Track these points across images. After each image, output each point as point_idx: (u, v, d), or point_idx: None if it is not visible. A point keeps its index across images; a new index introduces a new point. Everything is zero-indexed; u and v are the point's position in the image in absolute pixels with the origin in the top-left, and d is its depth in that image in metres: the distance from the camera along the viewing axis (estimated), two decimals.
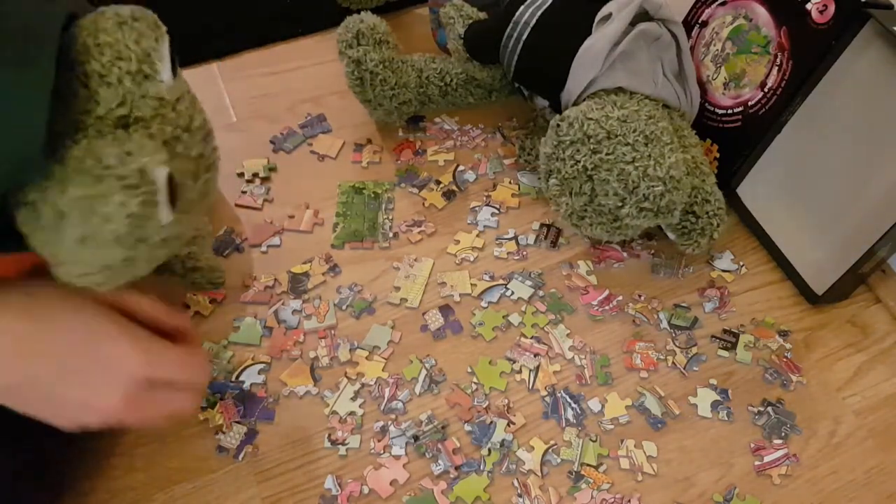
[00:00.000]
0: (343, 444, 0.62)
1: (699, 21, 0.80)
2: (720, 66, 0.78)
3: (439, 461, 0.62)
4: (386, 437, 0.63)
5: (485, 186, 0.81)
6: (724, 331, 0.73)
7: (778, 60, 0.72)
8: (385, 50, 0.78)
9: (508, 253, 0.76)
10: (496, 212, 0.79)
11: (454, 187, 0.80)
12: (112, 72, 0.40)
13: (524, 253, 0.76)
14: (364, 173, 0.81)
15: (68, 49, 0.40)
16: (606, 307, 0.73)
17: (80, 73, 0.39)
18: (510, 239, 0.77)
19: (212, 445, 0.62)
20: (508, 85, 0.84)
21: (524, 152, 0.82)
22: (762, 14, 0.73)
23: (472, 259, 0.75)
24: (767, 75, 0.73)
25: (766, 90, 0.74)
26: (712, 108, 0.79)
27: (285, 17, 0.94)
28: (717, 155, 0.80)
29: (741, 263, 0.78)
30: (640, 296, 0.74)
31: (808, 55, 0.70)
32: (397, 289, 0.71)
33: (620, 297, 0.74)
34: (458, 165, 0.82)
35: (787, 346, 0.72)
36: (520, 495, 0.61)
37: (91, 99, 0.40)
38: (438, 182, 0.80)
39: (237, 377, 0.65)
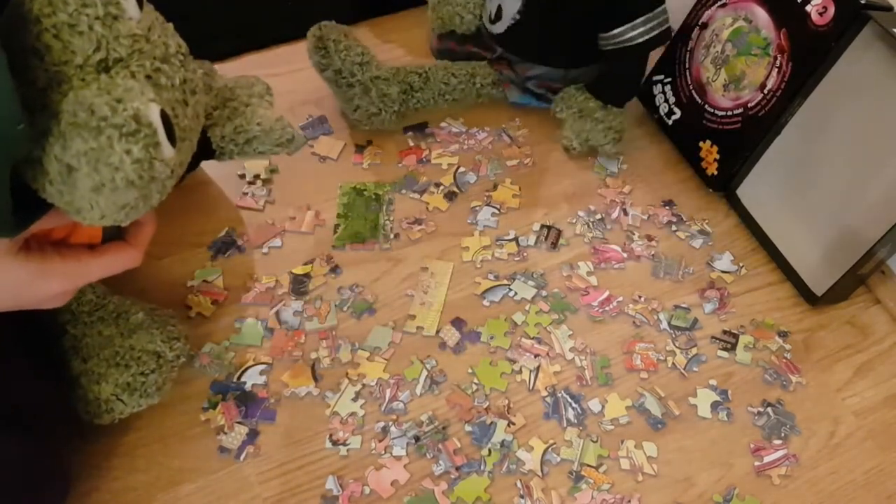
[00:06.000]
0: (344, 444, 0.63)
1: (699, 23, 0.81)
2: (720, 68, 0.78)
3: (440, 461, 0.62)
4: (387, 438, 0.63)
5: (485, 187, 0.81)
6: (724, 332, 0.73)
7: (778, 62, 0.72)
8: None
9: (509, 254, 0.76)
10: (496, 212, 0.79)
11: (455, 188, 0.81)
12: (81, 20, 0.40)
13: (524, 254, 0.76)
14: (365, 174, 0.81)
15: (20, 5, 0.40)
16: (606, 308, 0.73)
17: (49, 25, 0.40)
18: (511, 240, 0.77)
19: (213, 446, 0.62)
20: (488, 68, 0.85)
21: (573, 149, 0.84)
22: (762, 16, 0.74)
23: (490, 258, 0.75)
24: (767, 77, 0.74)
25: (765, 92, 0.74)
26: (712, 110, 0.80)
27: (286, 19, 0.94)
28: (717, 156, 0.80)
29: (741, 264, 0.78)
30: (640, 297, 0.75)
31: (808, 57, 0.70)
32: (413, 317, 0.71)
33: (620, 298, 0.74)
34: (458, 167, 0.82)
35: (787, 346, 0.73)
36: (521, 496, 0.61)
37: (66, 49, 0.40)
38: (439, 185, 0.81)
39: (239, 378, 0.65)
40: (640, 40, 0.75)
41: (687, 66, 0.83)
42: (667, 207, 0.82)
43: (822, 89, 0.71)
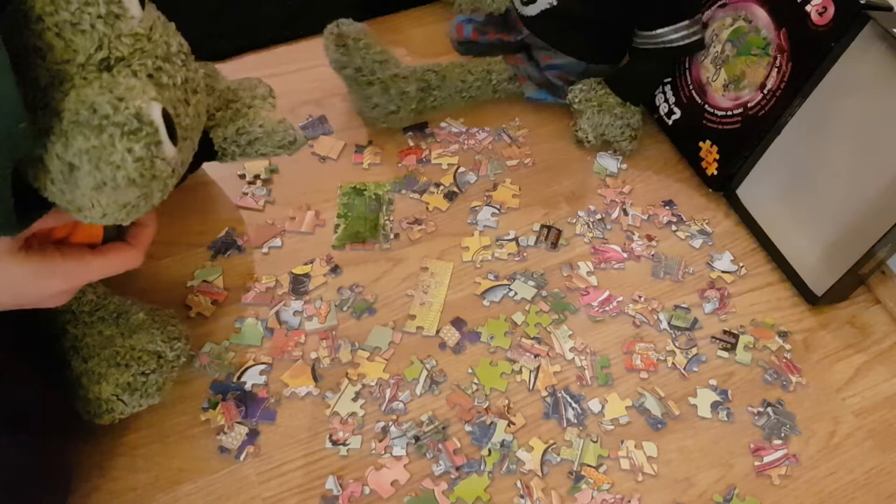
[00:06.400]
0: (344, 444, 0.63)
1: None
2: (720, 68, 0.78)
3: (440, 461, 0.62)
4: (387, 438, 0.63)
5: (485, 187, 0.81)
6: (724, 332, 0.73)
7: (777, 62, 0.72)
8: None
9: (509, 254, 0.76)
10: (496, 212, 0.79)
11: (455, 188, 0.81)
12: (83, 19, 0.40)
13: (524, 254, 0.76)
14: (365, 175, 0.81)
15: (23, 4, 0.40)
16: (606, 308, 0.73)
17: (52, 24, 0.40)
18: (511, 240, 0.77)
19: (213, 446, 0.62)
20: (503, 63, 0.85)
21: (587, 142, 0.84)
22: (762, 16, 0.74)
23: (490, 258, 0.75)
24: (767, 77, 0.74)
25: (765, 92, 0.74)
26: (712, 110, 0.80)
27: (287, 18, 0.94)
28: (717, 156, 0.80)
29: (741, 264, 0.78)
30: (640, 297, 0.75)
31: (808, 57, 0.70)
32: (413, 317, 0.71)
33: (621, 298, 0.74)
34: (458, 167, 0.82)
35: (787, 346, 0.73)
36: (521, 496, 0.61)
37: (68, 48, 0.40)
38: (439, 185, 0.81)
39: (239, 378, 0.65)
40: (680, 43, 0.77)
41: (687, 65, 0.83)
42: (667, 207, 0.82)
43: (822, 89, 0.71)
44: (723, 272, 0.78)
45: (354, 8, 0.95)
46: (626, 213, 0.81)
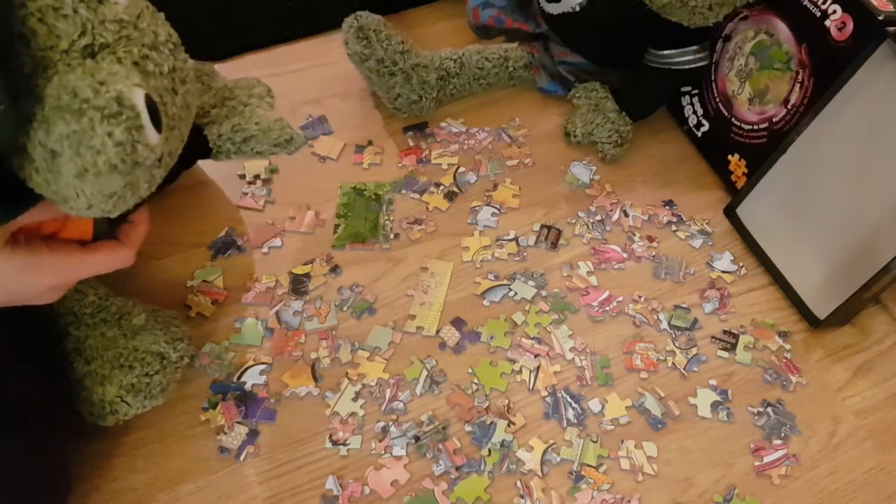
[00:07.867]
0: (344, 444, 0.63)
1: (723, 35, 0.80)
2: (744, 82, 0.77)
3: (440, 461, 0.62)
4: (387, 438, 0.63)
5: (485, 187, 0.81)
6: (724, 332, 0.73)
7: (800, 77, 0.71)
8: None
9: (509, 254, 0.76)
10: (496, 212, 0.79)
11: (455, 188, 0.81)
12: (65, 3, 0.40)
13: (524, 254, 0.76)
14: (365, 174, 0.81)
15: None
16: (606, 308, 0.73)
17: (34, 9, 0.39)
18: (511, 240, 0.77)
19: (213, 446, 0.62)
20: (520, 50, 0.86)
21: (574, 137, 0.84)
22: (783, 30, 0.72)
23: (490, 258, 0.75)
24: (790, 92, 0.72)
25: (789, 107, 0.73)
26: (739, 123, 0.79)
27: (287, 18, 0.94)
28: (746, 170, 0.79)
29: (741, 264, 0.78)
30: (640, 297, 0.75)
31: (829, 73, 0.68)
32: (413, 317, 0.71)
33: (621, 298, 0.74)
34: (458, 167, 0.82)
35: (787, 346, 0.73)
36: (521, 496, 0.61)
37: (51, 34, 0.40)
38: (439, 185, 0.81)
39: (239, 378, 0.65)
40: (685, 67, 0.78)
41: (712, 77, 0.82)
42: (667, 207, 0.82)
43: (833, 106, 0.68)
44: (723, 272, 0.78)
45: (355, 8, 0.95)
46: (626, 215, 0.81)
